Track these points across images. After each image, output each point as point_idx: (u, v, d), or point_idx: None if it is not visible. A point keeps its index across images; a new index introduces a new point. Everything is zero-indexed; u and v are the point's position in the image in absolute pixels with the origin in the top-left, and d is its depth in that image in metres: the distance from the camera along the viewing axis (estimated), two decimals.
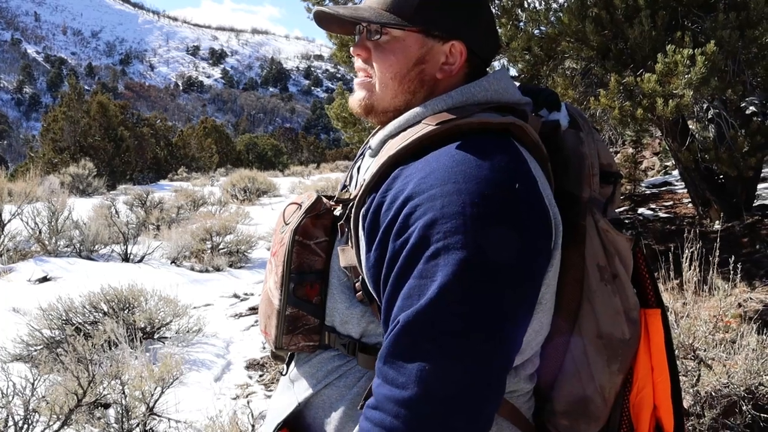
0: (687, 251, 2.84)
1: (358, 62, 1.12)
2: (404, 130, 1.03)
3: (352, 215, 1.02)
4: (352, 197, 1.04)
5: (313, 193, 1.14)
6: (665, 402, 1.10)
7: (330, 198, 1.16)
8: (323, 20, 1.16)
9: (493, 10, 4.87)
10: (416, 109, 1.04)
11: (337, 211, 1.11)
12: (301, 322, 1.08)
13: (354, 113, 1.15)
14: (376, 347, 1.03)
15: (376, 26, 1.06)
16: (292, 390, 1.13)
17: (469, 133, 0.96)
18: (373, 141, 1.11)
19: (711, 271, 2.93)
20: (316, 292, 1.07)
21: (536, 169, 0.98)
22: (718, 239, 3.12)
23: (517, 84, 1.13)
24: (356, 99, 1.12)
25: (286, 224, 1.11)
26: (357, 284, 1.02)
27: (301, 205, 1.12)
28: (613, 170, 1.12)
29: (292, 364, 1.17)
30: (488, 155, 0.92)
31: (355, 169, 1.20)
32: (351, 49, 1.13)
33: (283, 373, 1.19)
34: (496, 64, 5.61)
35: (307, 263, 1.07)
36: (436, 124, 0.97)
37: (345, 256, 1.03)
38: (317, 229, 1.08)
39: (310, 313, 1.07)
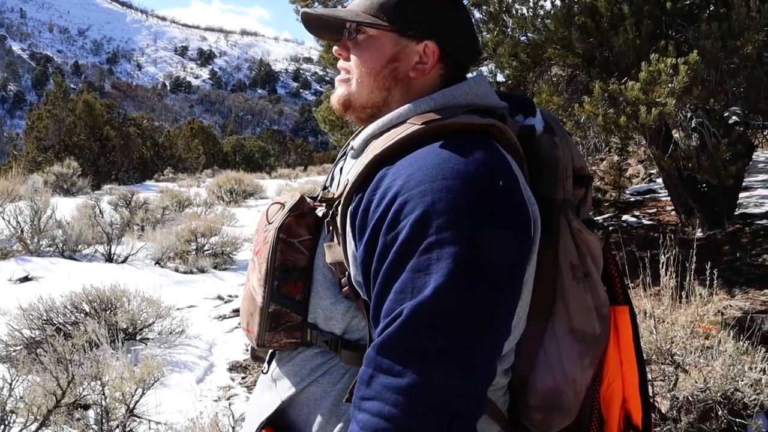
0: (663, 257, 2.88)
1: (340, 62, 1.18)
2: (387, 130, 1.06)
3: (339, 213, 1.04)
4: (336, 196, 1.06)
5: (296, 193, 1.16)
6: (634, 394, 1.15)
7: (313, 198, 1.18)
8: (312, 26, 1.22)
9: (480, 16, 4.91)
10: (399, 110, 1.07)
11: (320, 211, 1.13)
12: (284, 319, 1.10)
13: (335, 110, 1.20)
14: (359, 343, 1.06)
15: (354, 26, 1.12)
16: (275, 389, 1.14)
17: (452, 133, 1.00)
18: (356, 141, 1.14)
19: (688, 278, 2.97)
20: (299, 289, 1.10)
21: (516, 168, 1.02)
22: (695, 246, 3.16)
23: (495, 90, 1.17)
24: (336, 95, 1.17)
25: (270, 223, 1.14)
26: (343, 280, 1.05)
27: (284, 205, 1.14)
28: (585, 173, 1.17)
29: (273, 363, 1.19)
30: (473, 153, 0.95)
31: (337, 170, 1.23)
32: (333, 49, 1.19)
33: (264, 371, 1.20)
34: (484, 69, 5.65)
35: (291, 261, 1.09)
36: (421, 124, 1.00)
37: (332, 252, 1.06)
38: (301, 227, 1.10)
39: (293, 310, 1.10)
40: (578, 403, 1.11)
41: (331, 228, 1.07)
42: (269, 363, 1.21)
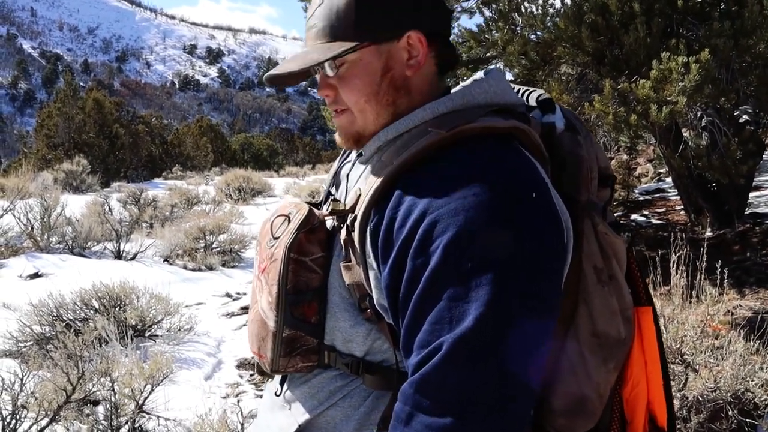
0: (674, 256, 2.86)
1: (329, 101, 1.05)
2: (401, 136, 0.98)
3: (357, 231, 0.96)
4: (348, 209, 0.98)
5: (302, 204, 1.08)
6: (658, 396, 1.11)
7: (316, 205, 1.12)
8: (278, 83, 1.07)
9: (490, 14, 4.89)
10: (415, 114, 0.98)
11: (329, 222, 1.06)
12: (299, 343, 1.03)
13: (346, 147, 1.09)
14: (381, 365, 1.01)
15: (332, 63, 1.00)
16: (289, 411, 1.09)
17: (475, 138, 0.92)
18: (366, 148, 1.04)
19: (699, 277, 2.95)
20: (314, 311, 1.03)
21: (543, 173, 0.95)
22: (705, 245, 3.14)
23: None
24: (342, 134, 1.06)
25: (275, 238, 1.06)
26: (364, 302, 0.98)
27: (289, 217, 1.06)
28: (609, 173, 1.11)
29: (285, 384, 1.13)
30: (502, 162, 0.89)
31: (344, 177, 1.14)
32: (317, 93, 1.06)
33: (277, 393, 1.14)
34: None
35: (303, 281, 1.02)
36: (445, 131, 0.91)
37: (350, 273, 0.98)
38: (312, 244, 1.03)
39: (309, 333, 1.03)
40: (602, 406, 1.07)
41: (348, 247, 0.99)
42: (281, 384, 1.14)
